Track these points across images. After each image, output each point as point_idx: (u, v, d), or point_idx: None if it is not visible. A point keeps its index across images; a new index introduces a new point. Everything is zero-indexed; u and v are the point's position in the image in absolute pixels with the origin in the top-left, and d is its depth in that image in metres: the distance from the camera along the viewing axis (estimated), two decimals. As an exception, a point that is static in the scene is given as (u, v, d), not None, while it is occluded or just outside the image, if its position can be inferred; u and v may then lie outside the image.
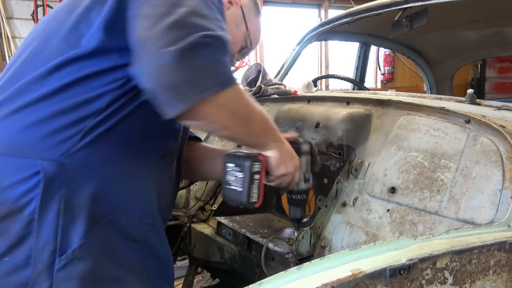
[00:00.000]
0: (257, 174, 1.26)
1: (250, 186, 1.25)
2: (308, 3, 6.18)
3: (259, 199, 1.28)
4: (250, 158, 1.25)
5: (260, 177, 1.26)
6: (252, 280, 1.68)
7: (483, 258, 0.90)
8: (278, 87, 2.38)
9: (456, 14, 2.59)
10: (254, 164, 1.24)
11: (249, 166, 1.23)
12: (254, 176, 1.25)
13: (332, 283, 0.70)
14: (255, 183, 1.26)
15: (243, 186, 1.25)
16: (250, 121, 1.17)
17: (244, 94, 1.14)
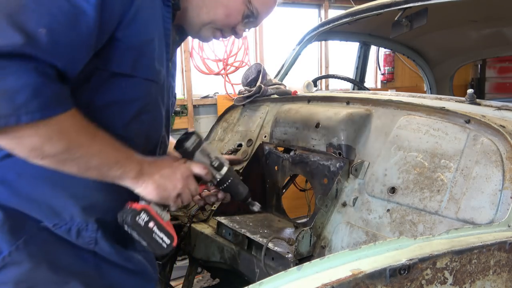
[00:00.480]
0: (149, 223, 1.14)
1: (152, 237, 1.14)
2: (308, 3, 6.17)
3: (172, 239, 1.18)
4: (129, 214, 1.12)
5: (154, 222, 1.14)
6: (252, 280, 1.68)
7: (483, 258, 0.90)
8: (278, 87, 2.38)
9: (456, 14, 2.59)
10: (137, 219, 1.12)
11: (133, 225, 1.12)
12: (147, 227, 1.13)
13: (332, 283, 0.70)
14: (155, 231, 1.15)
15: (146, 241, 1.14)
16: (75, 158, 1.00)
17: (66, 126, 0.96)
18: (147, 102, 1.20)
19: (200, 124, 5.41)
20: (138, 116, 1.18)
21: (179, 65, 5.26)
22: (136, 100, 1.16)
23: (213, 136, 2.54)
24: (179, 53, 5.23)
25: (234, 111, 2.51)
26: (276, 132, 1.99)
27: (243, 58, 5.41)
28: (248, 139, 2.23)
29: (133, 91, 1.15)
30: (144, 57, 1.12)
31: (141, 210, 1.13)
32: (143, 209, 1.14)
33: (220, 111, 5.20)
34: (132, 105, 1.16)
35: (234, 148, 2.24)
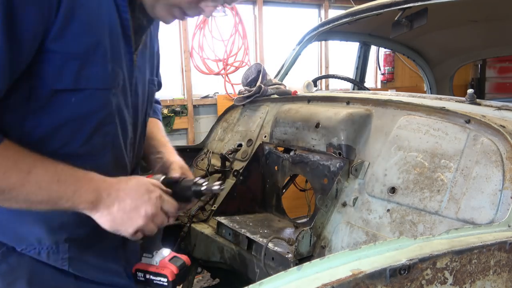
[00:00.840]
0: (146, 275, 1.23)
1: (154, 283, 1.22)
2: (308, 3, 6.18)
3: (166, 277, 1.22)
4: (132, 278, 1.24)
5: (149, 274, 1.21)
6: (252, 280, 1.68)
7: (483, 258, 0.90)
8: (278, 87, 2.38)
9: (456, 14, 2.59)
10: (138, 277, 1.23)
11: (139, 284, 1.24)
12: (147, 280, 1.22)
13: (332, 283, 0.70)
14: (153, 279, 1.22)
15: (152, 287, 1.23)
16: (11, 198, 0.94)
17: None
18: (107, 113, 1.09)
19: (200, 124, 5.41)
20: (99, 130, 1.08)
21: (179, 65, 5.26)
22: (93, 113, 1.05)
23: (213, 136, 2.55)
24: (179, 53, 5.23)
25: (234, 111, 2.51)
26: (276, 132, 1.99)
27: (243, 58, 5.41)
28: (248, 139, 2.23)
29: (86, 105, 1.03)
30: (91, 65, 1.00)
31: (135, 271, 1.23)
32: (136, 269, 1.23)
33: (220, 111, 5.20)
34: (89, 119, 1.06)
35: (234, 148, 2.24)
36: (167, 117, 5.06)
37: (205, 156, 2.38)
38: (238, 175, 2.04)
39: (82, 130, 1.06)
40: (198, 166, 2.36)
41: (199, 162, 2.43)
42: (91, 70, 1.00)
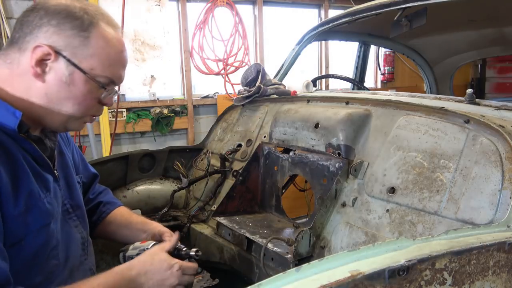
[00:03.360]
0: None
1: None
2: (308, 3, 6.17)
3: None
4: None
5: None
6: (252, 281, 1.68)
7: (482, 259, 0.90)
8: (277, 87, 2.37)
9: (456, 13, 2.59)
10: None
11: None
12: None
13: (331, 285, 0.70)
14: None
15: None
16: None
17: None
18: (54, 245, 1.18)
19: (200, 124, 5.41)
20: (49, 258, 1.17)
21: (179, 65, 5.27)
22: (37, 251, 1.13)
23: (213, 136, 2.54)
24: (179, 53, 5.23)
25: (234, 111, 2.51)
26: (275, 132, 1.98)
27: (243, 58, 5.41)
28: (248, 139, 2.23)
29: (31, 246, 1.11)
30: (30, 213, 1.09)
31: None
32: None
33: (220, 111, 5.20)
34: (38, 255, 1.14)
35: (234, 148, 2.24)
36: (167, 117, 5.06)
37: (205, 156, 2.38)
38: (238, 175, 2.04)
39: (33, 270, 1.13)
40: (198, 166, 2.37)
41: (198, 163, 2.43)
42: (29, 216, 1.10)
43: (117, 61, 1.19)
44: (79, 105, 1.16)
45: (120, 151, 4.59)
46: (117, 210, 1.61)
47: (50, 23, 1.08)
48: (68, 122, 1.19)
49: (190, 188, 2.39)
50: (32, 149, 1.14)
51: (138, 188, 2.36)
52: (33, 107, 1.13)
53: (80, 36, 1.11)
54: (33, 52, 1.07)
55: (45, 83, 1.11)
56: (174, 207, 2.30)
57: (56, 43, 1.09)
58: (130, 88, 4.95)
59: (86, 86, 1.14)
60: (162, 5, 4.98)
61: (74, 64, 1.11)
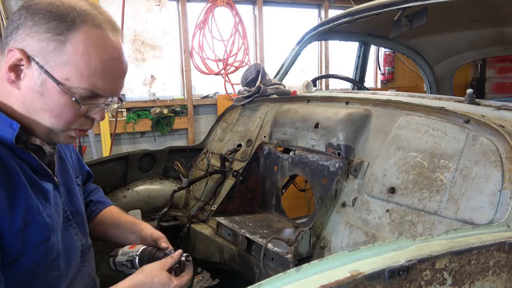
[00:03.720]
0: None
1: None
2: (308, 3, 6.17)
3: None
4: None
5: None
6: (252, 281, 1.68)
7: (483, 259, 0.90)
8: (277, 87, 2.37)
9: (456, 13, 2.59)
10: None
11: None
12: None
13: (330, 285, 0.70)
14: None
15: None
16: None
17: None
18: (54, 257, 1.15)
19: (200, 124, 5.40)
20: (50, 270, 1.14)
21: (179, 65, 5.26)
22: (37, 265, 1.09)
23: (213, 137, 2.54)
24: (179, 53, 5.23)
25: (234, 111, 2.51)
26: (275, 132, 1.98)
27: (243, 58, 5.41)
28: (248, 139, 2.23)
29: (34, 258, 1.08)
30: (28, 229, 1.05)
31: None
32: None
33: (220, 111, 5.20)
34: (38, 269, 1.10)
35: (234, 148, 2.23)
36: (167, 117, 5.06)
37: (205, 157, 2.38)
38: (238, 175, 2.04)
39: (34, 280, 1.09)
40: (198, 166, 2.37)
41: (198, 163, 2.43)
42: (29, 233, 1.05)
43: (101, 71, 1.02)
44: (56, 118, 1.04)
45: (120, 151, 4.59)
46: (107, 210, 1.58)
47: (26, 24, 0.98)
48: (51, 134, 1.09)
49: (190, 188, 2.39)
50: (29, 158, 1.08)
51: (138, 188, 2.36)
52: (20, 116, 1.04)
53: (55, 40, 0.98)
54: (7, 56, 0.98)
55: (20, 91, 1.01)
56: (174, 207, 2.30)
57: (29, 47, 0.98)
58: (130, 88, 4.95)
59: (61, 98, 1.01)
60: (162, 5, 4.98)
61: (46, 71, 0.98)
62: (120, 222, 1.53)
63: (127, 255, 1.39)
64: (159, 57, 5.07)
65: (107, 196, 2.19)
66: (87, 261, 1.34)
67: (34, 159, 1.10)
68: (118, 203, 2.28)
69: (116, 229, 1.51)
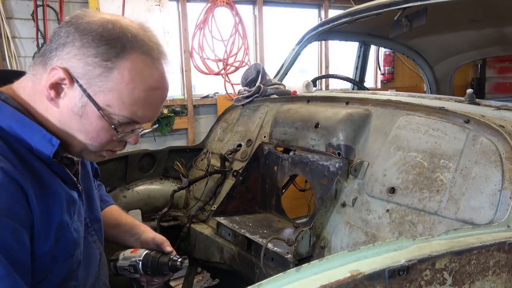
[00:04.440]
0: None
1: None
2: (308, 3, 6.16)
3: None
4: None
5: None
6: (252, 281, 1.68)
7: (483, 259, 0.90)
8: (277, 87, 2.37)
9: (456, 13, 2.59)
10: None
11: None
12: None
13: (330, 285, 0.70)
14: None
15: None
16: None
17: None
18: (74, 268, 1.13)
19: (200, 124, 5.40)
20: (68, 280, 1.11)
21: (179, 65, 5.26)
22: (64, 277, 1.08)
23: (213, 137, 2.54)
24: (179, 53, 5.23)
25: (234, 111, 2.51)
26: (275, 132, 1.98)
27: (243, 58, 5.40)
28: (248, 139, 2.23)
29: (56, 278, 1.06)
30: (58, 246, 1.03)
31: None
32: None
33: (220, 111, 5.19)
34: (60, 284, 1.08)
35: (234, 148, 2.23)
36: (167, 117, 5.05)
37: (205, 157, 2.38)
38: (238, 175, 2.04)
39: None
40: (198, 166, 2.37)
41: (198, 163, 2.43)
42: (57, 249, 1.03)
43: (144, 100, 1.01)
44: (91, 140, 1.04)
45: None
46: (108, 209, 1.55)
47: (74, 44, 0.96)
48: (83, 152, 1.09)
49: (190, 188, 2.39)
50: (63, 172, 1.07)
51: (138, 188, 2.36)
52: (58, 131, 1.04)
53: (102, 66, 0.96)
54: (50, 74, 0.97)
55: (58, 109, 1.01)
56: (174, 207, 2.30)
57: (74, 69, 0.96)
58: (130, 88, 4.94)
59: (99, 122, 1.01)
60: (162, 5, 4.98)
61: (89, 95, 0.98)
62: (119, 222, 1.52)
63: (129, 260, 1.38)
64: (159, 57, 5.06)
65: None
66: (102, 268, 1.32)
67: (66, 172, 1.08)
68: (118, 203, 2.28)
69: (115, 229, 1.50)
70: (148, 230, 1.49)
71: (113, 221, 1.51)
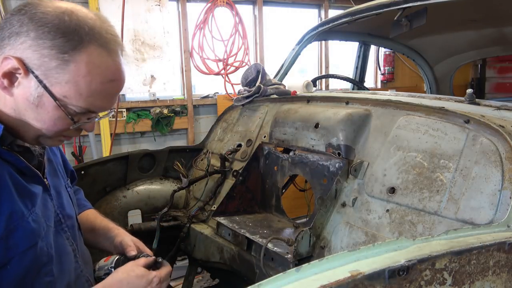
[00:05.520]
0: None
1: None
2: (308, 3, 6.16)
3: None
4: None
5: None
6: (252, 281, 1.68)
7: (482, 259, 0.90)
8: (277, 87, 2.37)
9: (456, 13, 2.59)
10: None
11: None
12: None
13: (331, 285, 0.70)
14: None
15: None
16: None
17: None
18: (45, 262, 1.11)
19: (200, 124, 5.40)
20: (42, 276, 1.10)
21: (179, 65, 5.26)
22: (25, 272, 1.06)
23: (213, 137, 2.54)
24: (179, 53, 5.23)
25: (234, 111, 2.51)
26: (275, 132, 1.98)
27: (243, 58, 5.40)
28: (248, 139, 2.23)
29: (18, 269, 1.04)
30: (12, 236, 1.01)
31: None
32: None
33: (220, 111, 5.19)
34: (28, 275, 1.06)
35: (234, 148, 2.23)
36: (167, 117, 5.05)
37: (205, 157, 2.38)
38: (238, 175, 2.04)
39: (24, 285, 1.06)
40: (198, 166, 2.37)
41: (198, 163, 2.43)
42: (12, 239, 1.02)
43: (100, 92, 1.03)
44: (47, 129, 1.05)
45: (120, 151, 4.58)
46: (84, 214, 1.53)
47: (28, 35, 0.95)
48: (40, 138, 1.09)
49: (190, 188, 2.39)
50: (16, 160, 1.05)
51: (138, 188, 2.36)
52: (9, 118, 1.03)
53: (59, 58, 0.96)
54: (3, 63, 0.96)
55: (12, 97, 1.00)
56: (174, 207, 2.30)
57: (29, 60, 0.96)
58: (130, 88, 4.94)
59: (56, 112, 1.02)
60: (162, 5, 4.98)
61: (45, 86, 0.98)
62: (94, 227, 1.50)
63: (103, 269, 1.37)
64: (159, 57, 5.06)
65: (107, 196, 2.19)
66: (84, 265, 1.31)
67: (21, 161, 1.07)
68: (118, 203, 2.29)
69: (91, 233, 1.48)
70: (121, 233, 1.45)
71: (89, 225, 1.49)
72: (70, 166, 1.53)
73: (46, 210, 1.15)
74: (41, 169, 1.18)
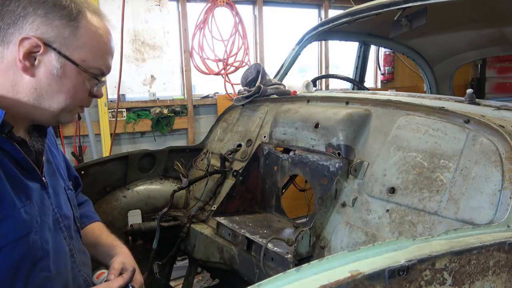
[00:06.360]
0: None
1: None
2: (308, 3, 6.16)
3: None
4: None
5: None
6: (252, 281, 1.68)
7: (482, 259, 0.90)
8: (277, 87, 2.37)
9: (456, 13, 2.59)
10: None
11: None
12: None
13: (331, 285, 0.70)
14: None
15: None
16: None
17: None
18: (40, 256, 1.11)
19: (200, 124, 5.40)
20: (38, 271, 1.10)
21: (179, 65, 5.26)
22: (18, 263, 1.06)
23: (213, 137, 2.54)
24: (179, 53, 5.23)
25: (234, 111, 2.51)
26: (275, 132, 1.98)
27: (243, 58, 5.40)
28: (248, 139, 2.23)
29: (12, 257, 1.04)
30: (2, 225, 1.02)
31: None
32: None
33: (220, 111, 5.19)
34: (21, 267, 1.06)
35: (234, 148, 2.23)
36: (167, 117, 5.05)
37: (205, 157, 2.37)
38: (238, 175, 2.04)
39: (17, 277, 1.06)
40: (198, 166, 2.37)
41: (198, 163, 2.43)
42: (2, 227, 1.02)
43: (105, 51, 1.16)
44: (71, 98, 1.13)
45: (120, 151, 4.58)
46: (90, 227, 1.54)
47: (36, 13, 1.03)
48: (60, 115, 1.15)
49: (190, 188, 2.39)
50: (14, 150, 1.06)
51: (138, 188, 2.36)
52: (19, 104, 1.08)
53: (70, 26, 1.06)
54: (20, 45, 1.02)
55: (34, 77, 1.06)
56: (174, 207, 2.30)
57: (45, 35, 1.04)
58: (130, 88, 4.95)
59: (78, 78, 1.11)
60: (162, 5, 4.98)
61: (65, 56, 1.07)
62: (98, 242, 1.50)
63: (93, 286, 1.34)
64: (159, 57, 5.06)
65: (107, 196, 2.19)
66: (83, 266, 1.31)
67: (18, 152, 1.08)
68: (118, 203, 2.29)
69: (94, 249, 1.48)
70: (119, 253, 1.44)
71: (93, 240, 1.50)
72: (75, 173, 1.55)
73: (43, 206, 1.16)
74: (39, 167, 1.18)
